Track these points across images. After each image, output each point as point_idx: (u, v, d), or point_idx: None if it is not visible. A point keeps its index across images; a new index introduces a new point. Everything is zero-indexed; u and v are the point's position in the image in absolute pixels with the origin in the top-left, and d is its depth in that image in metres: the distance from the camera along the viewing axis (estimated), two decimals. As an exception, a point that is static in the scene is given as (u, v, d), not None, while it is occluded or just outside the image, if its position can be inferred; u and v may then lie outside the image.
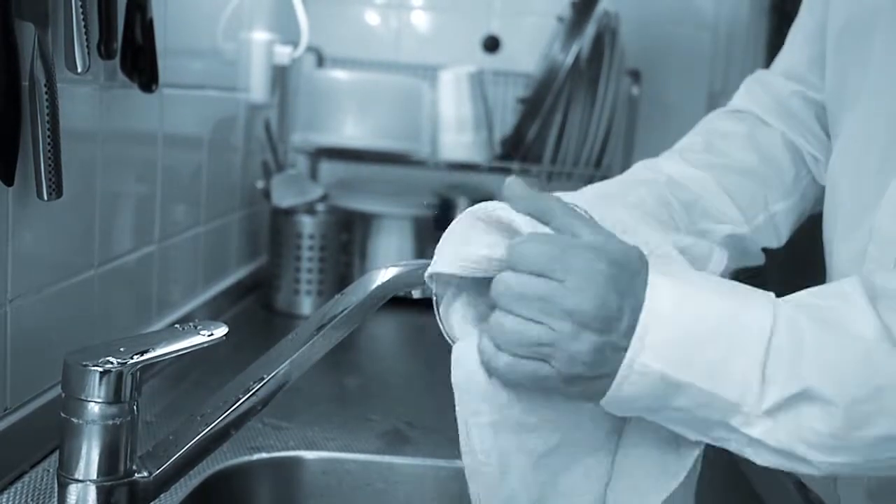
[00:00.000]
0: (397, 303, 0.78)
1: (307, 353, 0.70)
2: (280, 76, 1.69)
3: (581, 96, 1.64)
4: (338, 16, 1.96)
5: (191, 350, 0.69)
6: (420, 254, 1.73)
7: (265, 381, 0.69)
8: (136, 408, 0.67)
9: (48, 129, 0.79)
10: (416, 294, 0.73)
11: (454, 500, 1.00)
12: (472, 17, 1.97)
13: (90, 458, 0.65)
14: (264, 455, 0.98)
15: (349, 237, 1.69)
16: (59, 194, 0.82)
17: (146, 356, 0.67)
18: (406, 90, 1.70)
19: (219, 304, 1.46)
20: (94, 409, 0.65)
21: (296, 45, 1.63)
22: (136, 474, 0.67)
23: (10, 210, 0.82)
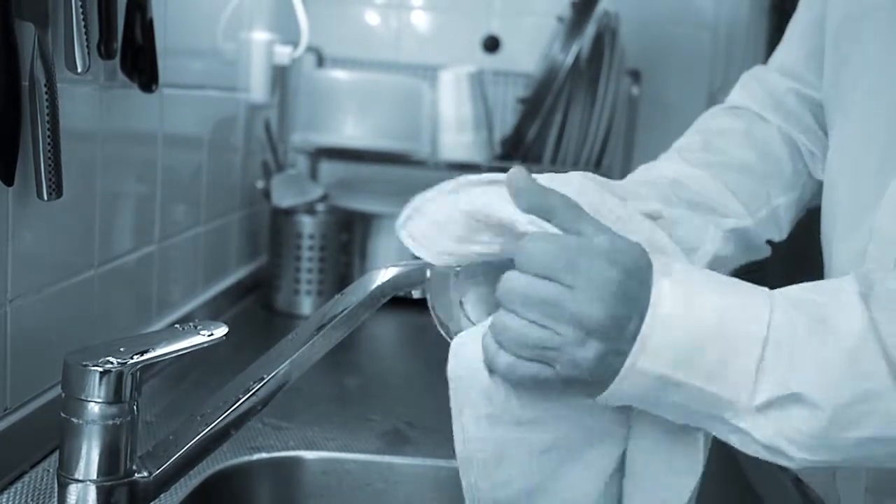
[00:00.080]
0: (397, 303, 0.77)
1: (307, 353, 0.70)
2: (280, 76, 1.69)
3: (581, 96, 1.65)
4: (338, 16, 1.96)
5: (191, 350, 0.69)
6: (420, 254, 1.72)
7: (265, 381, 0.69)
8: (136, 408, 0.67)
9: (48, 129, 0.79)
10: (416, 294, 0.73)
11: (454, 500, 1.00)
12: (472, 17, 1.97)
13: (90, 458, 0.65)
14: (264, 455, 0.98)
15: (349, 237, 1.69)
16: (59, 194, 0.82)
17: (146, 356, 0.66)
18: (406, 90, 1.70)
19: (219, 304, 1.46)
20: (94, 409, 0.65)
21: (296, 45, 1.63)
22: (136, 474, 0.67)
23: (10, 210, 0.82)
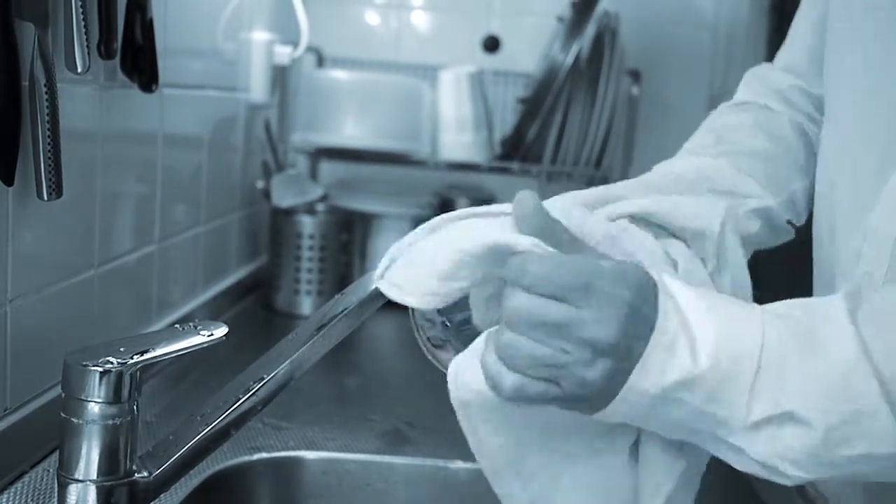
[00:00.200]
0: (397, 303, 0.77)
1: (307, 353, 0.70)
2: (280, 76, 1.69)
3: (581, 96, 1.64)
4: (338, 16, 1.96)
5: (191, 350, 0.69)
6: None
7: (265, 381, 0.69)
8: (136, 408, 0.67)
9: (48, 129, 0.79)
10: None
11: (454, 500, 1.00)
12: (472, 17, 1.97)
13: (90, 458, 0.65)
14: (264, 455, 0.98)
15: (349, 237, 1.69)
16: (59, 194, 0.82)
17: (146, 356, 0.67)
18: (406, 90, 1.70)
19: (219, 304, 1.46)
20: (94, 409, 0.65)
21: (296, 45, 1.63)
22: (136, 474, 0.67)
23: (10, 210, 0.82)
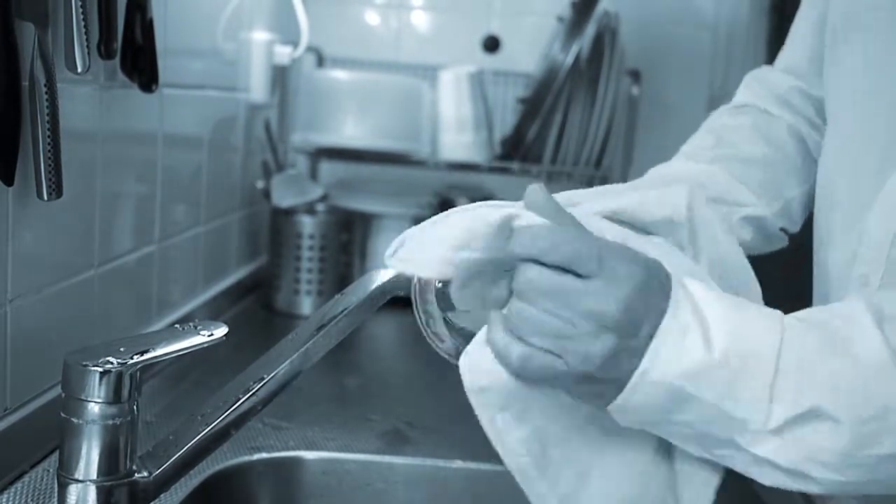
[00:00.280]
0: (397, 303, 0.77)
1: (307, 353, 0.70)
2: (280, 76, 1.69)
3: (581, 96, 1.64)
4: (338, 16, 1.96)
5: (191, 350, 0.69)
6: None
7: (265, 381, 0.69)
8: (136, 408, 0.67)
9: (48, 129, 0.79)
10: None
11: (454, 500, 1.00)
12: (472, 17, 1.97)
13: (90, 458, 0.65)
14: (264, 455, 0.98)
15: (349, 237, 1.69)
16: (59, 194, 0.82)
17: (146, 356, 0.67)
18: (406, 90, 1.70)
19: (219, 304, 1.46)
20: (94, 409, 0.65)
21: (296, 45, 1.63)
22: (136, 474, 0.67)
23: (10, 210, 0.82)
